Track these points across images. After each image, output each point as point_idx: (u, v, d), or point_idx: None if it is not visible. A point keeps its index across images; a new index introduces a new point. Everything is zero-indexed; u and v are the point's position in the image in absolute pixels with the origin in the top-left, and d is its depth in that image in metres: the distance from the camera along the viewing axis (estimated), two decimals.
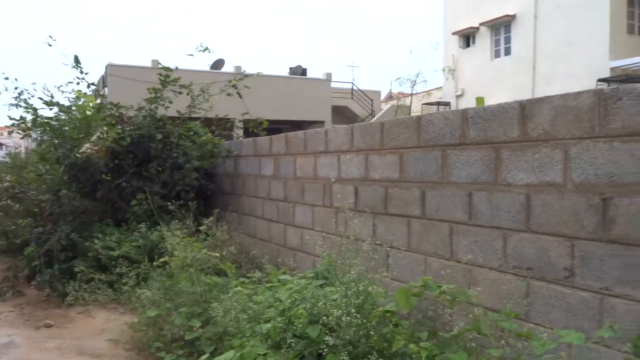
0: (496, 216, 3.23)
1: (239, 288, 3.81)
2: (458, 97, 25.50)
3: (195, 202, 6.59)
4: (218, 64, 23.53)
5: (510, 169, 3.13)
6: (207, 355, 3.46)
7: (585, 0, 19.37)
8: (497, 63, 23.76)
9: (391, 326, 2.85)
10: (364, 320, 2.70)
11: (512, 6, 22.56)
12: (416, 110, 25.42)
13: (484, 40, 24.36)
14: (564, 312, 2.83)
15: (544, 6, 21.15)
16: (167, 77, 7.90)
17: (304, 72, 26.57)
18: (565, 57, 19.80)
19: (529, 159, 3.02)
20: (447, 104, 25.68)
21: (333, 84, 26.33)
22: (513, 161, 3.12)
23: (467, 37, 25.53)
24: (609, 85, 15.74)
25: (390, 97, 37.46)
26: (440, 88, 28.14)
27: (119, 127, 7.60)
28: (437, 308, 3.07)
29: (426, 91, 29.15)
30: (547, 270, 2.92)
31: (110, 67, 20.81)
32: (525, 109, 3.05)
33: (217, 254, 4.57)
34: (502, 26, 23.46)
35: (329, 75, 25.95)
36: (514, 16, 22.59)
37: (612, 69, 18.43)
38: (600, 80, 17.72)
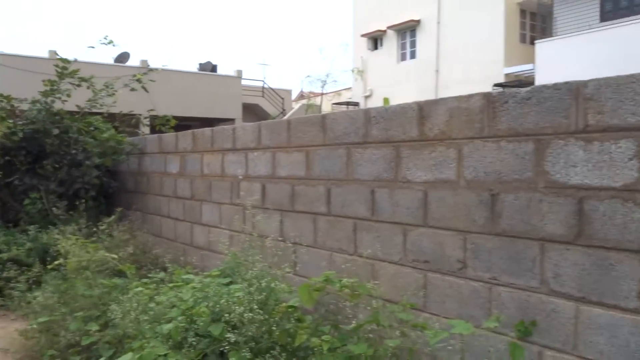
0: (397, 212, 3.36)
1: (140, 289, 3.67)
2: (367, 97, 26.22)
3: (96, 201, 6.27)
4: (123, 57, 22.50)
5: (410, 166, 3.27)
6: (104, 359, 3.31)
7: (482, 10, 20.64)
8: (403, 66, 24.70)
9: (294, 321, 2.88)
10: (267, 316, 2.71)
11: (417, 12, 23.54)
12: (327, 109, 25.84)
13: (391, 43, 25.22)
14: (458, 301, 3.00)
15: (446, 13, 22.28)
16: (64, 69, 7.45)
17: (214, 68, 26.08)
18: (465, 62, 20.99)
19: (427, 157, 3.17)
20: (357, 104, 26.31)
21: (244, 82, 26.07)
22: (412, 159, 3.26)
23: (375, 40, 26.32)
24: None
25: (301, 96, 37.72)
26: (349, 88, 28.79)
27: (10, 121, 7.05)
28: (339, 302, 3.15)
29: (336, 91, 29.71)
30: (442, 263, 3.08)
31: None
32: (423, 110, 3.19)
33: (116, 255, 4.37)
34: (408, 30, 24.41)
35: (239, 73, 25.67)
36: (418, 21, 23.59)
37: (507, 75, 19.79)
38: (495, 85, 18.95)
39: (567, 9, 18.18)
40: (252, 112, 26.38)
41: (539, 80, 16.63)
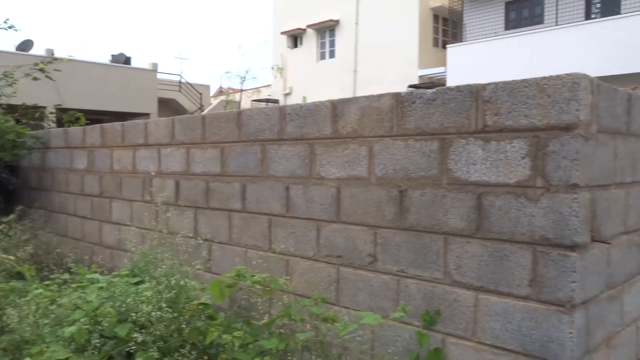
0: (311, 208, 3.41)
1: (40, 291, 3.47)
2: (286, 95, 26.29)
3: None
4: (26, 45, 21.04)
5: (324, 163, 3.33)
6: None
7: (398, 13, 21.32)
8: (322, 64, 24.99)
9: (205, 319, 2.85)
10: (177, 315, 2.66)
11: (336, 12, 23.89)
12: (246, 106, 25.60)
13: (310, 41, 25.43)
14: (369, 294, 3.09)
15: (364, 15, 22.79)
16: None
17: (127, 60, 25.04)
18: (383, 63, 21.59)
19: (340, 154, 3.24)
20: (276, 101, 26.30)
21: (160, 76, 25.25)
22: (326, 156, 3.32)
23: (295, 38, 26.44)
24: None
25: (220, 92, 37.14)
26: (269, 85, 28.72)
27: None
28: (252, 298, 3.15)
29: (256, 88, 29.52)
30: (354, 257, 3.17)
31: None
32: (336, 108, 3.26)
33: (13, 257, 4.10)
34: (327, 30, 24.72)
35: (155, 66, 24.82)
36: (337, 21, 23.95)
37: (421, 77, 20.59)
38: (410, 86, 19.64)
39: (476, 16, 19.19)
40: (169, 107, 25.61)
41: (450, 82, 17.43)
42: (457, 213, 2.68)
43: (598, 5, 16.80)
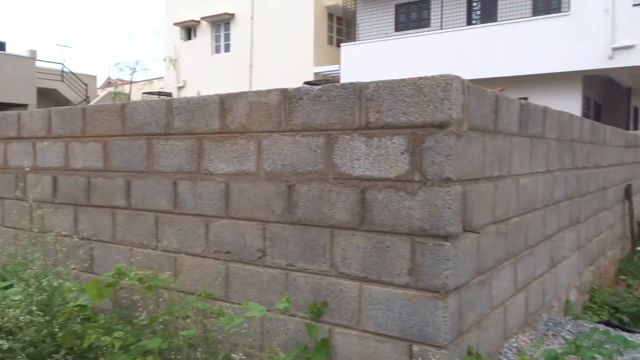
0: (199, 204, 3.35)
1: None
2: (180, 88, 25.50)
3: None
4: None
5: (212, 158, 3.28)
6: None
7: (294, 10, 21.47)
8: (217, 58, 24.54)
9: (80, 321, 2.70)
10: (49, 318, 2.49)
11: (231, 5, 23.56)
12: (137, 98, 24.46)
13: (205, 34, 24.86)
14: (258, 289, 3.10)
15: (260, 10, 22.68)
16: None
17: (1, 46, 22.92)
18: (279, 59, 21.64)
19: (228, 149, 3.21)
20: (169, 94, 25.43)
21: (39, 64, 23.40)
22: (214, 151, 3.27)
23: (189, 30, 25.71)
24: None
25: (109, 83, 35.24)
26: (162, 78, 27.67)
27: None
28: (135, 296, 3.04)
29: (147, 80, 28.31)
30: (243, 253, 3.16)
31: None
32: (224, 103, 3.22)
33: None
34: (222, 23, 24.31)
35: (33, 53, 22.96)
36: (233, 15, 23.64)
37: (316, 74, 20.91)
38: (305, 82, 19.88)
39: (368, 16, 19.85)
40: (50, 98, 23.83)
41: (344, 80, 17.89)
42: (343, 207, 2.77)
43: (478, 12, 18.07)
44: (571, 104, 15.10)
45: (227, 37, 24.25)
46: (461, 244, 2.62)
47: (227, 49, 24.30)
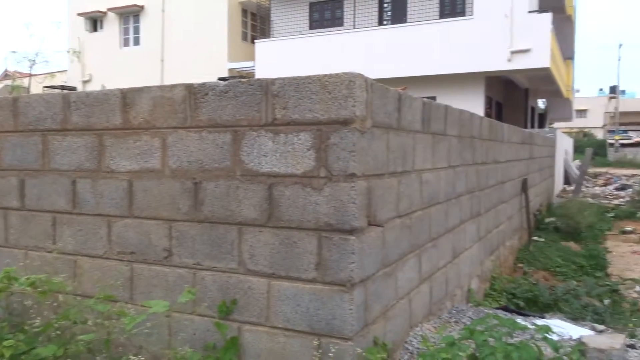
0: (101, 203, 3.20)
1: None
2: (85, 82, 24.20)
3: None
4: None
5: (114, 156, 3.14)
6: None
7: (207, 4, 21.03)
8: (126, 51, 23.54)
9: None
10: None
11: None
12: (38, 92, 22.92)
13: (112, 26, 23.76)
14: (165, 289, 3.02)
15: (171, 3, 22.00)
16: None
17: None
18: (191, 54, 21.11)
19: (132, 146, 3.09)
20: (73, 88, 24.03)
21: None
22: (116, 148, 3.14)
23: (95, 21, 24.44)
24: None
25: (6, 75, 32.81)
26: (65, 71, 26.12)
27: None
28: (27, 302, 2.85)
29: (49, 73, 26.61)
30: (149, 253, 3.06)
31: None
32: (127, 98, 3.10)
33: None
34: (131, 15, 23.34)
35: None
36: (142, 7, 22.77)
37: (230, 70, 20.62)
38: (219, 78, 19.52)
39: (282, 14, 19.85)
40: None
41: (259, 76, 17.78)
42: (250, 203, 2.76)
43: (389, 13, 18.62)
44: (475, 103, 15.97)
45: (136, 30, 23.29)
46: (366, 238, 2.69)
47: (136, 42, 23.35)
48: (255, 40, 19.79)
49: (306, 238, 2.63)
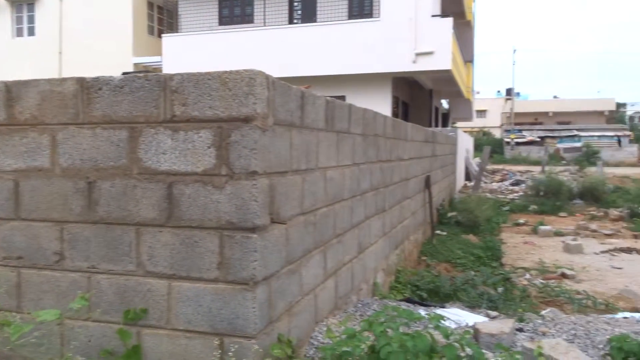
0: None
1: None
2: None
3: None
4: None
5: None
6: None
7: None
8: (20, 42, 21.90)
9: None
10: None
11: None
12: None
13: (3, 14, 21.98)
14: (56, 295, 2.84)
15: None
16: None
17: None
18: (93, 47, 20.00)
19: (17, 143, 2.88)
20: None
21: None
22: (0, 146, 2.91)
23: None
24: None
25: None
26: None
27: None
28: None
29: None
30: (38, 257, 2.87)
31: None
32: (11, 91, 2.88)
33: None
34: (25, 3, 21.73)
35: None
36: None
37: (136, 65, 19.78)
38: (124, 73, 18.65)
39: (191, 9, 19.34)
40: None
41: (166, 72, 17.21)
42: (149, 203, 2.66)
43: (299, 12, 18.72)
44: (383, 102, 16.47)
45: (31, 19, 21.71)
46: (269, 235, 2.69)
47: (31, 32, 21.76)
48: (162, 35, 19.14)
49: (208, 237, 2.59)
